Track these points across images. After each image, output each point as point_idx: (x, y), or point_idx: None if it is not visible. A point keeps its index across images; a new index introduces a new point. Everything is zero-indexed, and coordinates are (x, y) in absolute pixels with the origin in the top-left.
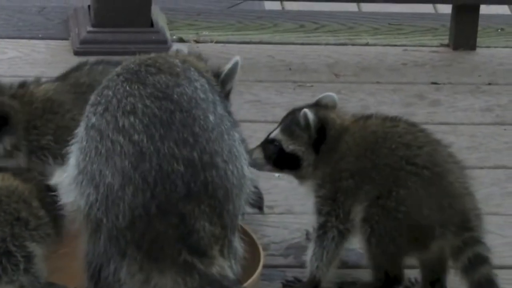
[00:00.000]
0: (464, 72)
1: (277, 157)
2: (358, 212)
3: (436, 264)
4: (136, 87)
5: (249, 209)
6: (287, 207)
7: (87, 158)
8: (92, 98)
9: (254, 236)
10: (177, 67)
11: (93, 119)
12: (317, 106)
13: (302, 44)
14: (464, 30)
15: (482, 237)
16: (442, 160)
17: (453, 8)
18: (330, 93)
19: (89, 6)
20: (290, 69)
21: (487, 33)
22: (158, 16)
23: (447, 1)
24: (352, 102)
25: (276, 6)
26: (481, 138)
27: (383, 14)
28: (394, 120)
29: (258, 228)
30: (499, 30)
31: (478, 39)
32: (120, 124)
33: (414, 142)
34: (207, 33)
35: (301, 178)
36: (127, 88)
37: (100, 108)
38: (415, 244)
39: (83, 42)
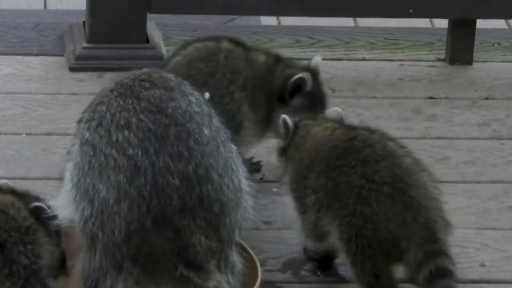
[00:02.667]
0: (461, 86)
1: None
2: (333, 230)
3: None
4: (130, 101)
5: (247, 225)
6: (285, 222)
7: (81, 173)
8: (86, 115)
9: (252, 252)
10: (171, 82)
11: (87, 135)
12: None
13: (298, 59)
14: (461, 44)
15: (446, 250)
16: (402, 173)
17: (449, 23)
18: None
19: (84, 22)
20: None
21: (484, 48)
22: (154, 31)
23: (444, 16)
24: (349, 117)
25: (272, 21)
26: (478, 152)
27: (379, 28)
28: (353, 130)
29: (256, 244)
30: (495, 45)
31: (474, 54)
32: (114, 138)
33: (372, 157)
34: None
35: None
36: (121, 102)
37: (93, 124)
38: (388, 259)
39: (78, 58)
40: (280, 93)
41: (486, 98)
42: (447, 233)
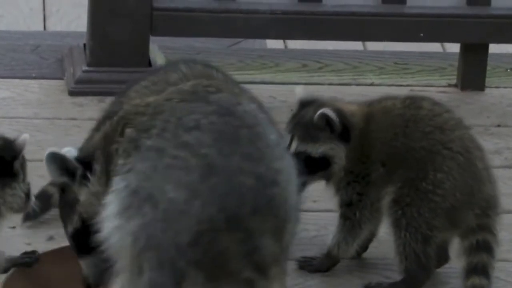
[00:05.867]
0: (472, 113)
1: (308, 165)
2: (387, 194)
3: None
4: (197, 105)
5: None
6: None
7: (142, 179)
8: (137, 128)
9: None
10: (235, 88)
11: (148, 142)
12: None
13: (305, 84)
14: (473, 69)
15: (495, 229)
16: (472, 145)
17: (461, 47)
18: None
19: (84, 45)
20: (292, 110)
21: (497, 73)
22: (156, 55)
23: (455, 40)
24: None
25: (279, 44)
26: None
27: (389, 53)
28: (414, 100)
29: None
30: (508, 70)
31: (487, 79)
32: (183, 139)
33: (446, 126)
34: None
35: (331, 175)
36: (187, 107)
37: (155, 131)
38: (446, 227)
39: (78, 81)
40: None
41: (499, 126)
42: (498, 214)
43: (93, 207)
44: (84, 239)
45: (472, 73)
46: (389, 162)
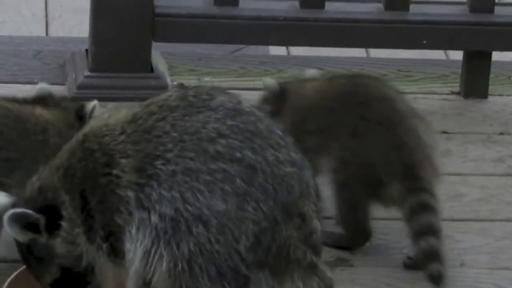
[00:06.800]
0: (475, 121)
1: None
2: (325, 164)
3: None
4: (204, 115)
5: None
6: None
7: (181, 205)
8: (138, 157)
9: None
10: (222, 90)
11: (170, 167)
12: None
13: None
14: (476, 77)
15: (429, 188)
16: (393, 114)
17: (464, 55)
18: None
19: (86, 50)
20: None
21: (500, 81)
22: (159, 61)
23: (458, 48)
24: None
25: (281, 51)
26: (493, 189)
27: (391, 60)
28: (354, 77)
29: None
30: (511, 78)
31: (490, 87)
32: (212, 151)
33: (371, 98)
34: (208, 78)
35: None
36: (194, 119)
37: (171, 155)
38: (369, 192)
39: (80, 87)
40: None
41: (501, 133)
42: (434, 177)
43: (73, 253)
44: (67, 284)
45: (475, 80)
46: (321, 134)
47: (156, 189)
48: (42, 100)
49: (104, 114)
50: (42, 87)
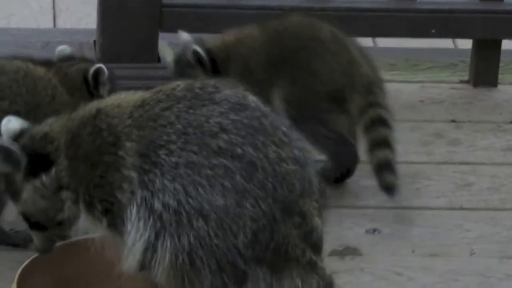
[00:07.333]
0: (485, 110)
1: None
2: (276, 94)
3: None
4: (209, 109)
5: None
6: None
7: (182, 198)
8: (143, 143)
9: None
10: (228, 83)
11: (173, 159)
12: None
13: None
14: (485, 66)
15: (385, 104)
16: (340, 35)
17: (473, 43)
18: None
19: (94, 41)
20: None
21: (509, 69)
22: (166, 51)
23: (467, 36)
24: None
25: None
26: (503, 178)
27: (399, 49)
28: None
29: None
30: None
31: (499, 76)
32: (214, 146)
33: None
34: None
35: None
36: (198, 112)
37: (174, 146)
38: (335, 109)
39: None
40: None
41: (511, 122)
42: (383, 89)
43: (36, 206)
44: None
45: (485, 69)
46: (270, 68)
47: (159, 177)
48: (56, 63)
49: (122, 93)
50: (62, 48)
